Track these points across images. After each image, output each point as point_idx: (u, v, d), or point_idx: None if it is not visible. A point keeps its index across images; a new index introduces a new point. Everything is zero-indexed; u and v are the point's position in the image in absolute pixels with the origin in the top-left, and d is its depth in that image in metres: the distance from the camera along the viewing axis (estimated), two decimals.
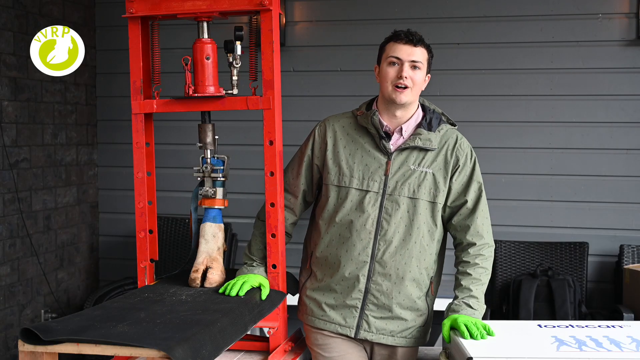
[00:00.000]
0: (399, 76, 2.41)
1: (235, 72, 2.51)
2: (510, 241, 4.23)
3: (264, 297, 2.43)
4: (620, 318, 3.70)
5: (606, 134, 4.22)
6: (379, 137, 2.47)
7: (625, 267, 4.02)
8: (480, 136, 4.30)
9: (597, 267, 4.25)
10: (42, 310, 4.33)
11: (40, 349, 1.92)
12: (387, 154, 2.47)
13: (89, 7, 4.70)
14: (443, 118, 2.57)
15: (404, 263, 2.44)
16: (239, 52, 2.49)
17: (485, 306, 2.47)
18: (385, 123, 2.48)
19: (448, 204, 2.50)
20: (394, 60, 2.43)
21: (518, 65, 4.28)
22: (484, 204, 2.52)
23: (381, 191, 2.45)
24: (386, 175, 2.45)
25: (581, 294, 4.06)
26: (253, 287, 2.44)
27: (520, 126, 4.30)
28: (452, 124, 2.58)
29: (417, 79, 2.43)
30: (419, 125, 2.49)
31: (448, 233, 2.59)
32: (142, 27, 2.52)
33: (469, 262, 2.48)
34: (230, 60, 2.50)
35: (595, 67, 4.20)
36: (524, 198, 4.32)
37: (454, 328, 2.36)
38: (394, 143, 2.49)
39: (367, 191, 2.45)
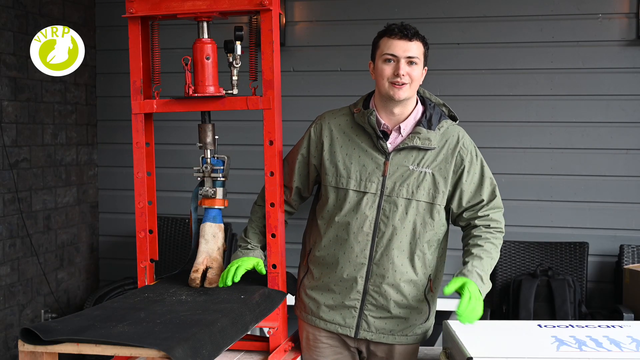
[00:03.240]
0: (396, 74, 2.34)
1: (235, 72, 2.51)
2: (510, 241, 4.23)
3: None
4: (620, 318, 3.70)
5: (606, 134, 4.22)
6: (376, 137, 2.41)
7: (625, 267, 4.02)
8: (480, 136, 4.28)
9: (597, 267, 4.25)
10: (42, 310, 4.33)
11: (40, 349, 1.92)
12: (385, 154, 2.41)
13: (89, 7, 4.70)
14: (444, 110, 2.51)
15: (401, 264, 2.41)
16: (239, 52, 2.49)
17: (490, 284, 2.39)
18: (383, 121, 2.42)
19: (464, 205, 2.45)
20: (390, 57, 2.35)
21: (518, 65, 4.28)
22: (498, 197, 2.51)
23: (379, 192, 2.40)
24: (384, 176, 2.40)
25: (581, 294, 4.06)
26: (248, 271, 2.45)
27: (520, 126, 4.30)
28: (453, 117, 2.52)
29: (414, 75, 2.36)
30: (418, 123, 2.42)
31: (447, 233, 2.55)
32: (142, 27, 2.52)
33: (481, 235, 2.42)
34: (230, 60, 2.50)
35: (595, 67, 4.20)
36: (524, 198, 4.32)
37: (458, 291, 2.30)
38: (392, 142, 2.43)
39: (364, 192, 2.41)
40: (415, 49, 2.36)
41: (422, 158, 2.41)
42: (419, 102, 2.48)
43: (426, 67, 2.43)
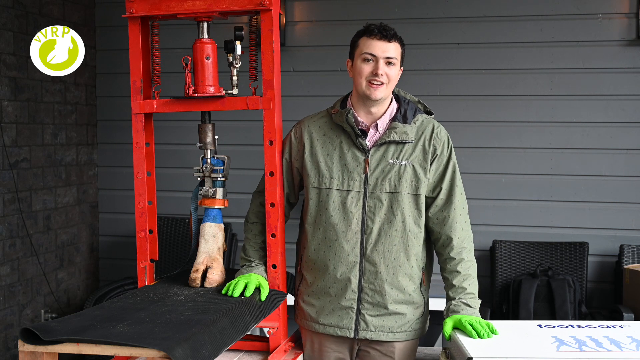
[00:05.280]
0: (375, 73, 2.39)
1: (235, 72, 2.51)
2: (510, 241, 4.23)
3: (263, 298, 2.43)
4: (620, 318, 3.70)
5: (606, 134, 4.22)
6: (355, 135, 2.45)
7: (625, 267, 4.02)
8: (480, 136, 4.31)
9: (597, 267, 4.25)
10: (42, 310, 4.33)
11: (40, 349, 1.92)
12: (365, 151, 2.44)
13: (89, 7, 4.70)
14: (419, 107, 2.54)
15: (393, 259, 2.43)
16: (239, 52, 2.49)
17: (480, 300, 2.46)
18: (360, 120, 2.47)
19: (425, 194, 2.47)
20: (369, 56, 2.40)
21: (518, 65, 4.28)
22: (459, 193, 2.48)
23: (362, 190, 2.43)
24: (365, 173, 2.43)
25: (581, 294, 4.06)
26: (255, 287, 2.44)
27: (520, 126, 4.30)
28: (429, 112, 2.55)
29: (392, 75, 2.41)
30: (393, 119, 2.46)
31: None
32: (142, 27, 2.52)
33: (455, 258, 2.45)
34: (230, 60, 2.50)
35: (595, 67, 4.21)
36: (524, 198, 4.32)
37: (456, 328, 2.36)
38: (370, 139, 2.46)
39: (348, 191, 2.43)
40: (393, 49, 2.40)
41: (400, 151, 2.44)
42: (393, 99, 2.53)
43: (402, 68, 2.48)
